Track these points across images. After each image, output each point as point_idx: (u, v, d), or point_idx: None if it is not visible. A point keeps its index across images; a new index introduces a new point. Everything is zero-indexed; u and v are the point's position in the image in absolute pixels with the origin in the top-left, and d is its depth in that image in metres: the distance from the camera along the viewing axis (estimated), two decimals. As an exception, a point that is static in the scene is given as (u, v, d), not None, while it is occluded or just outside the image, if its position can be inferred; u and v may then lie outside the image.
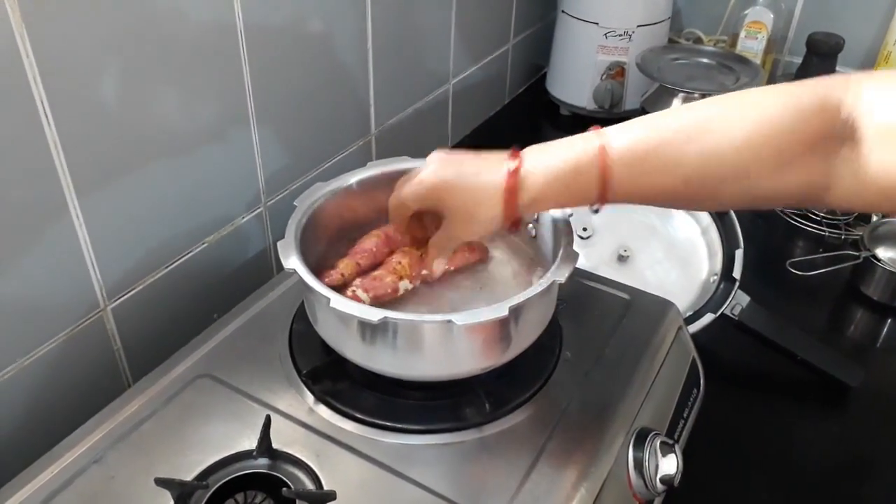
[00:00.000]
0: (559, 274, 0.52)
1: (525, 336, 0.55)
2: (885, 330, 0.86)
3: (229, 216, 0.73)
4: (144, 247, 0.65)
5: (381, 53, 0.87)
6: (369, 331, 0.51)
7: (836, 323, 0.89)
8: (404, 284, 0.59)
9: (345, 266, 0.59)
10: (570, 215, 0.59)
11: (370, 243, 0.62)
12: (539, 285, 0.51)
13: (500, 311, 0.49)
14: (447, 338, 0.51)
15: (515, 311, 0.50)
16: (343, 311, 0.49)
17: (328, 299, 0.50)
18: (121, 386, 0.66)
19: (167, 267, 0.67)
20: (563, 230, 0.58)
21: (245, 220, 0.75)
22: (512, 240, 0.66)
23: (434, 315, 0.50)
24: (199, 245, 0.70)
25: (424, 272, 0.60)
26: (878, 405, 0.76)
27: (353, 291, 0.56)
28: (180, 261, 0.68)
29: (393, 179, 0.65)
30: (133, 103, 0.59)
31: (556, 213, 0.60)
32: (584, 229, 0.84)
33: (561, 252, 0.55)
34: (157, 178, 0.63)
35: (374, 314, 0.49)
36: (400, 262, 0.59)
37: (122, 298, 0.64)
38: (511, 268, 0.64)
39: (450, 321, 0.48)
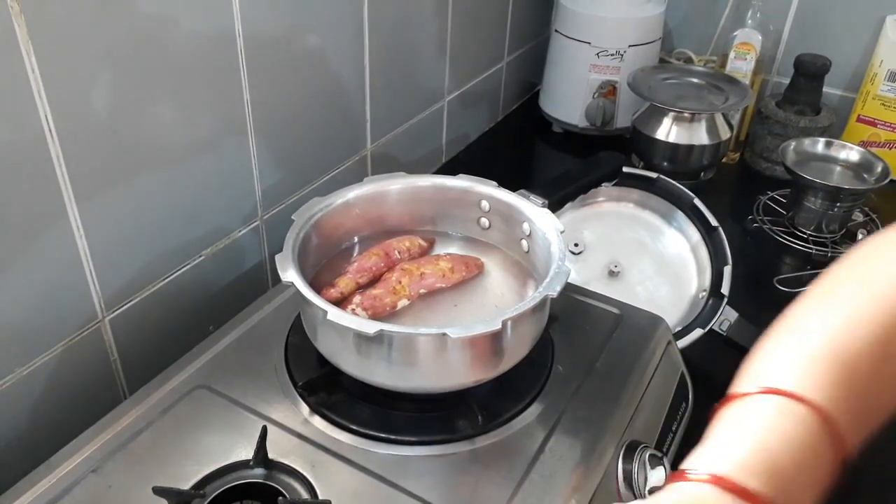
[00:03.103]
0: (551, 288, 0.54)
1: (517, 349, 0.56)
2: (871, 346, 0.88)
3: (226, 229, 0.74)
4: (143, 258, 0.65)
5: (377, 69, 0.88)
6: (365, 343, 0.52)
7: (822, 339, 0.90)
8: (403, 302, 0.60)
9: (344, 285, 0.60)
10: (562, 231, 0.61)
11: (370, 262, 0.63)
12: (531, 299, 0.53)
13: (494, 324, 0.50)
14: (441, 350, 0.52)
15: (508, 325, 0.51)
16: (340, 323, 0.50)
17: (325, 312, 0.51)
18: (117, 397, 0.66)
19: (165, 279, 0.68)
20: (556, 245, 0.59)
21: (242, 233, 0.76)
22: (506, 255, 0.67)
23: (428, 328, 0.51)
24: (196, 258, 0.71)
25: (422, 290, 0.61)
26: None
27: (353, 310, 0.57)
28: (178, 273, 0.69)
29: (389, 194, 0.67)
30: (135, 116, 0.60)
31: (549, 228, 0.61)
32: (576, 245, 0.85)
33: (553, 267, 0.56)
34: (157, 190, 0.64)
35: (371, 327, 0.50)
36: (400, 282, 0.61)
37: (120, 310, 0.64)
38: (505, 282, 0.65)
39: (444, 334, 0.49)
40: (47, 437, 0.56)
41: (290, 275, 0.54)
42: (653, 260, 0.84)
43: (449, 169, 1.13)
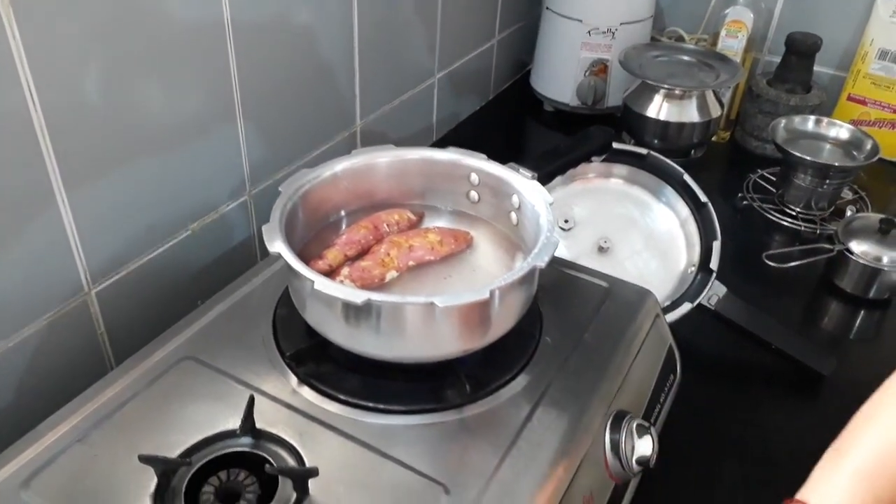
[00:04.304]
0: (539, 258, 0.53)
1: (505, 319, 0.56)
2: (858, 321, 0.88)
3: (214, 204, 0.73)
4: (129, 232, 0.65)
5: (366, 46, 0.87)
6: (353, 313, 0.52)
7: (810, 314, 0.91)
8: (391, 274, 0.60)
9: (333, 257, 0.60)
10: (551, 203, 0.60)
11: (358, 235, 0.62)
12: (520, 269, 0.53)
13: (482, 293, 0.50)
14: (429, 319, 0.52)
15: (496, 294, 0.51)
16: (327, 293, 0.50)
17: (312, 282, 0.50)
18: (104, 370, 0.66)
19: (152, 252, 0.68)
20: (544, 217, 0.59)
21: (230, 208, 0.75)
22: (495, 228, 0.67)
23: (416, 297, 0.51)
24: (183, 232, 0.71)
25: (411, 263, 0.61)
26: (850, 394, 0.77)
27: (341, 282, 0.57)
28: (165, 247, 0.69)
29: (377, 167, 0.67)
30: (120, 92, 0.59)
31: (538, 201, 0.61)
32: (566, 221, 0.85)
33: (542, 238, 0.56)
34: (142, 164, 0.64)
35: (358, 296, 0.49)
36: (388, 254, 0.60)
37: (107, 283, 0.64)
38: (494, 255, 0.65)
39: (432, 303, 0.49)
40: (34, 409, 0.56)
41: (277, 245, 0.53)
42: (642, 235, 0.84)
43: (440, 146, 1.12)
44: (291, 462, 0.50)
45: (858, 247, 0.87)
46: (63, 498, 0.47)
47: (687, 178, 0.83)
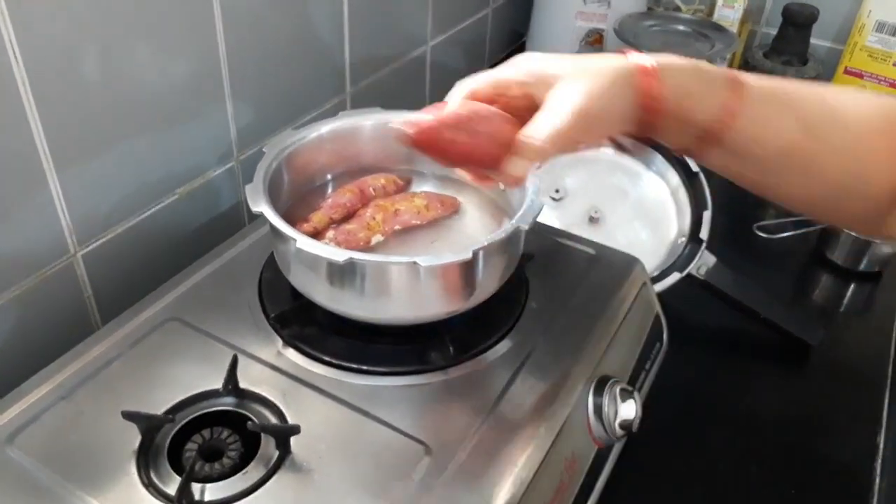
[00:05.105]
0: (523, 220, 0.53)
1: (490, 281, 0.56)
2: (848, 294, 0.89)
3: (201, 168, 0.73)
4: (116, 195, 0.65)
5: (356, 11, 0.86)
6: (337, 273, 0.52)
7: (800, 286, 0.91)
8: (377, 238, 0.60)
9: (318, 219, 0.60)
10: (539, 167, 0.60)
11: (344, 198, 0.62)
12: (503, 230, 0.52)
13: (465, 254, 0.50)
14: (413, 280, 0.52)
15: (480, 255, 0.51)
16: (310, 251, 0.50)
17: (295, 240, 0.50)
18: (91, 332, 0.66)
19: (139, 216, 0.67)
20: (531, 181, 0.58)
21: (217, 173, 0.75)
22: (482, 194, 0.67)
23: (399, 256, 0.51)
24: (170, 196, 0.70)
25: (397, 227, 0.61)
26: (837, 365, 0.78)
27: (327, 244, 0.57)
28: (151, 210, 0.69)
29: (364, 130, 0.66)
30: (107, 57, 0.59)
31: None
32: (557, 191, 0.85)
33: (526, 201, 0.56)
34: (129, 129, 0.63)
35: (341, 255, 0.49)
36: (374, 218, 0.60)
37: (93, 245, 0.64)
38: (481, 220, 0.65)
39: (415, 263, 0.49)
40: (18, 370, 0.56)
41: (260, 205, 0.53)
42: (632, 206, 0.84)
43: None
44: (274, 421, 0.50)
45: (849, 218, 0.87)
46: (47, 453, 0.47)
47: (678, 147, 0.82)
